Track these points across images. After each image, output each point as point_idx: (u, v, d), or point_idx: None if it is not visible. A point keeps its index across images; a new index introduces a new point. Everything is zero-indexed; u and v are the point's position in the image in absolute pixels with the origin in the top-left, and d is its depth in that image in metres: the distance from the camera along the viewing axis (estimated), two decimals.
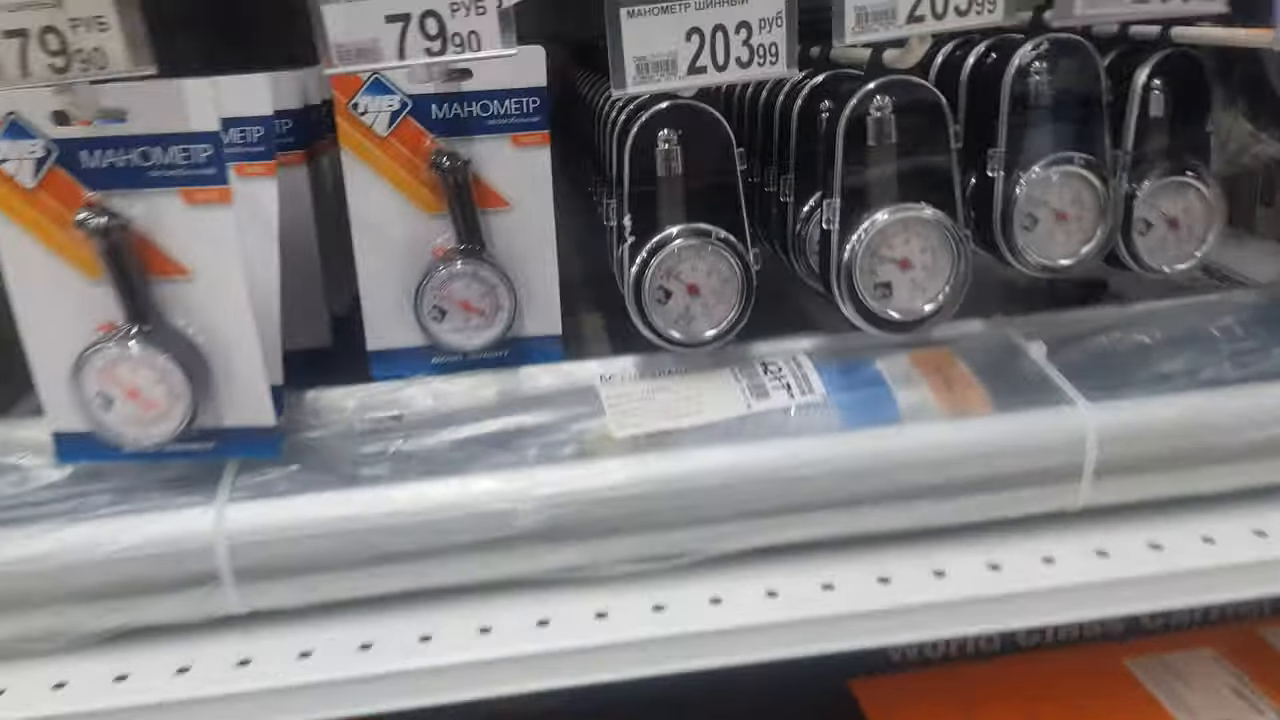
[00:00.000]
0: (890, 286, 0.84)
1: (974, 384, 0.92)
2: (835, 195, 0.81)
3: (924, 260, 0.83)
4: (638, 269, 0.82)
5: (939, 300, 0.84)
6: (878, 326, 0.85)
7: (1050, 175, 0.84)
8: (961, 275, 0.83)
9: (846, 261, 0.81)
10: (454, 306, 0.78)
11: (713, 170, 0.78)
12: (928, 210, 0.80)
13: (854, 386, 0.81)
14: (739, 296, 0.82)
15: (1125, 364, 0.83)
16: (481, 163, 0.76)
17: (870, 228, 0.80)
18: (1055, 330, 0.88)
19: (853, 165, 0.79)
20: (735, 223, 0.79)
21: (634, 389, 0.84)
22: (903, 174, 0.77)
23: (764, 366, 0.90)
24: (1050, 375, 0.84)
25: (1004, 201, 0.83)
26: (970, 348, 0.86)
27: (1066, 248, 0.87)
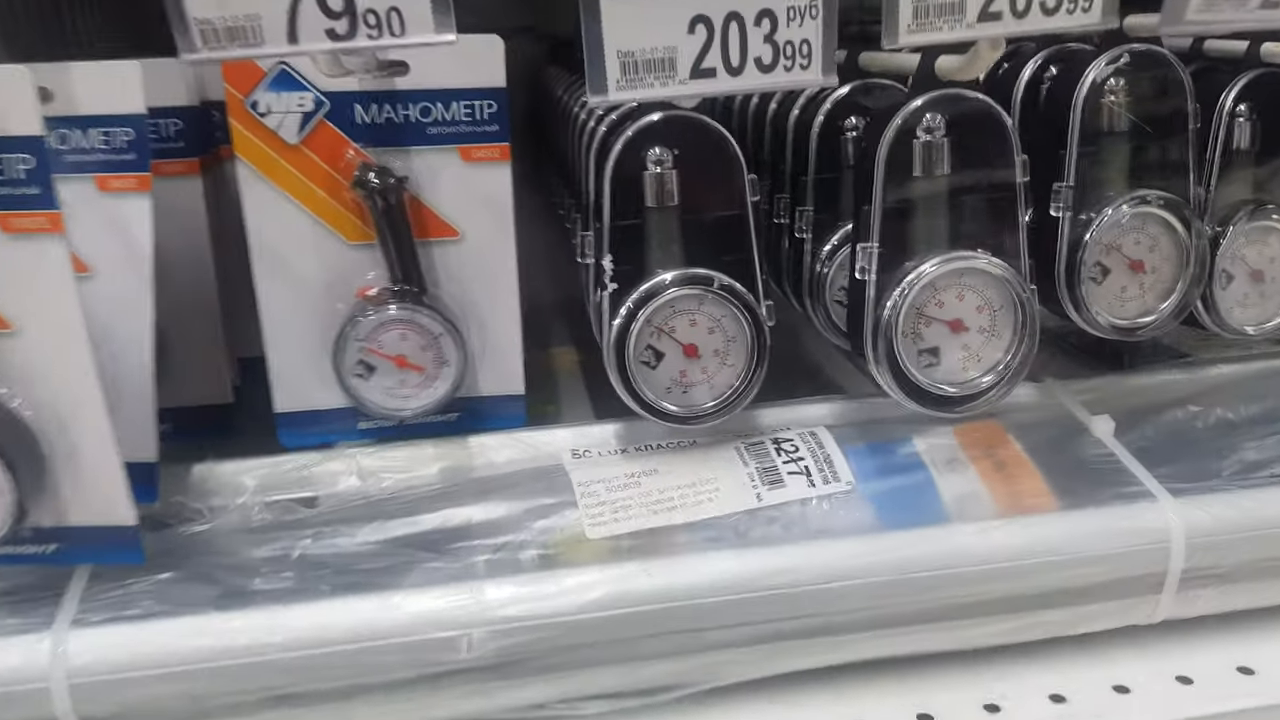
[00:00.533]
0: (938, 353, 0.70)
1: (1031, 469, 0.79)
2: (873, 238, 0.67)
3: (981, 322, 0.69)
4: (621, 324, 0.67)
5: (999, 371, 0.69)
6: (921, 402, 0.70)
7: (1123, 216, 0.72)
8: (1028, 342, 0.69)
9: (886, 321, 0.67)
10: (384, 361, 0.66)
11: (718, 200, 0.66)
12: (985, 260, 0.67)
13: (888, 471, 0.71)
14: (748, 360, 0.69)
15: (1207, 445, 0.74)
16: (422, 181, 0.65)
17: (915, 280, 0.66)
18: (1119, 399, 0.80)
19: (894, 200, 0.66)
20: (745, 267, 0.66)
21: (615, 470, 0.70)
22: (957, 213, 0.65)
23: (777, 444, 0.74)
24: (1121, 459, 0.74)
25: (1070, 247, 0.71)
26: (1022, 421, 0.76)
27: (1141, 304, 0.75)
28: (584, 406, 0.86)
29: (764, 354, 0.68)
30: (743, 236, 0.67)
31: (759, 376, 0.71)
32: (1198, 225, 0.73)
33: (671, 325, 0.67)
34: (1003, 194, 0.65)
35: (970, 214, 0.66)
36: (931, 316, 0.66)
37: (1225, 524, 0.66)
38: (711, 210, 0.67)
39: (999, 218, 0.66)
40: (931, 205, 0.66)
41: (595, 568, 0.63)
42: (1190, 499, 0.67)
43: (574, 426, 0.77)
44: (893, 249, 0.65)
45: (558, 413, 0.85)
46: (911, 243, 0.65)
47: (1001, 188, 0.65)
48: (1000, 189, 0.65)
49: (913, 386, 0.67)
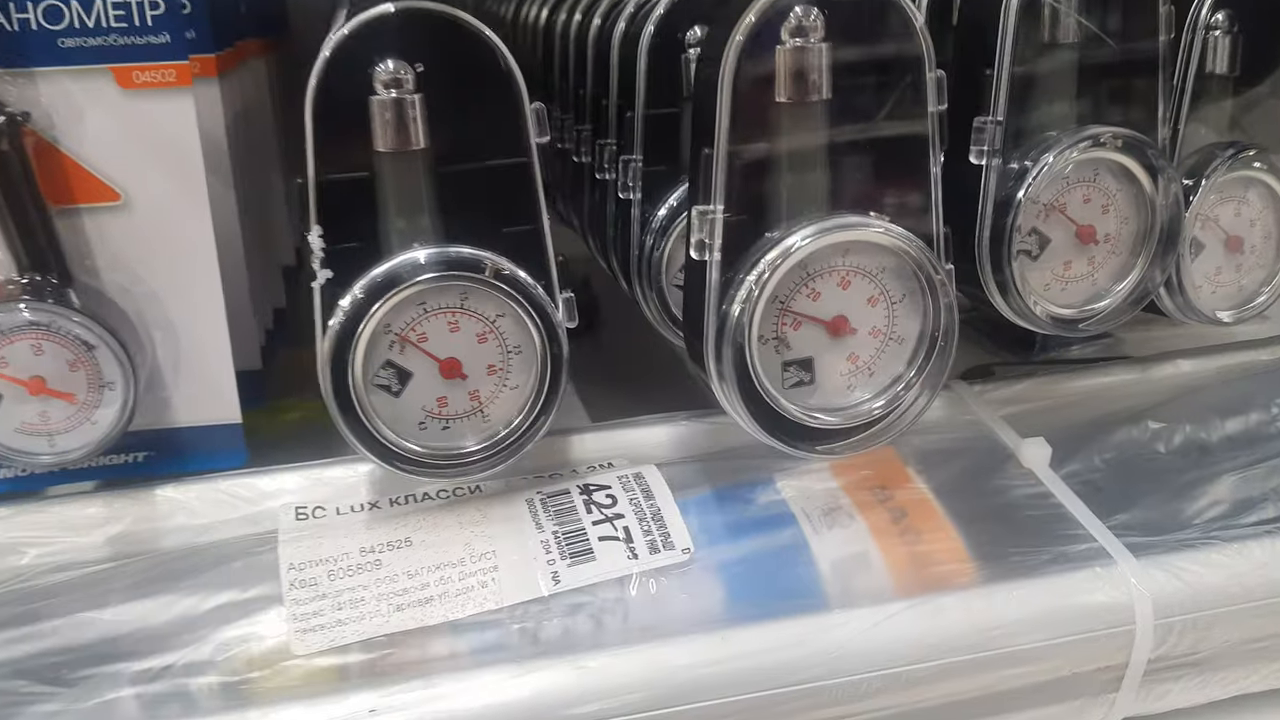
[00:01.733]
0: (810, 366, 0.51)
1: (940, 520, 0.63)
2: (714, 198, 0.48)
3: (874, 320, 0.51)
4: (341, 329, 0.47)
5: (899, 391, 0.52)
6: (785, 437, 0.52)
7: (1068, 163, 0.58)
8: (941, 349, 0.52)
9: (734, 320, 0.48)
10: (12, 387, 0.52)
11: (489, 143, 0.50)
12: (881, 228, 0.49)
13: (742, 531, 0.56)
14: (537, 380, 0.51)
15: (1174, 478, 0.62)
16: (57, 120, 0.52)
17: (778, 260, 0.48)
18: (1053, 411, 0.68)
19: (747, 142, 0.48)
20: (530, 243, 0.51)
21: (347, 542, 0.54)
22: (840, 161, 0.50)
23: (586, 493, 0.55)
24: (1062, 501, 0.60)
25: (996, 209, 0.56)
26: (926, 446, 0.63)
27: (1090, 286, 0.60)
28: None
29: (560, 371, 0.51)
30: (526, 198, 0.49)
31: (553, 403, 0.51)
32: (1168, 174, 0.59)
33: (421, 332, 0.49)
34: (907, 131, 0.49)
35: (859, 162, 0.49)
36: (801, 313, 0.49)
37: (1204, 594, 0.54)
38: (479, 157, 0.49)
39: (900, 167, 0.49)
40: (802, 150, 0.48)
41: (299, 706, 0.46)
42: (1157, 559, 0.55)
43: (307, 468, 0.59)
44: (745, 214, 0.48)
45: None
46: (772, 205, 0.49)
47: (905, 121, 0.49)
48: (903, 123, 0.49)
49: (772, 415, 0.50)
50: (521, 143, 0.49)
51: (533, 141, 0.49)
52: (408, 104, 0.48)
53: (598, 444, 0.63)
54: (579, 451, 0.63)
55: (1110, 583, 0.53)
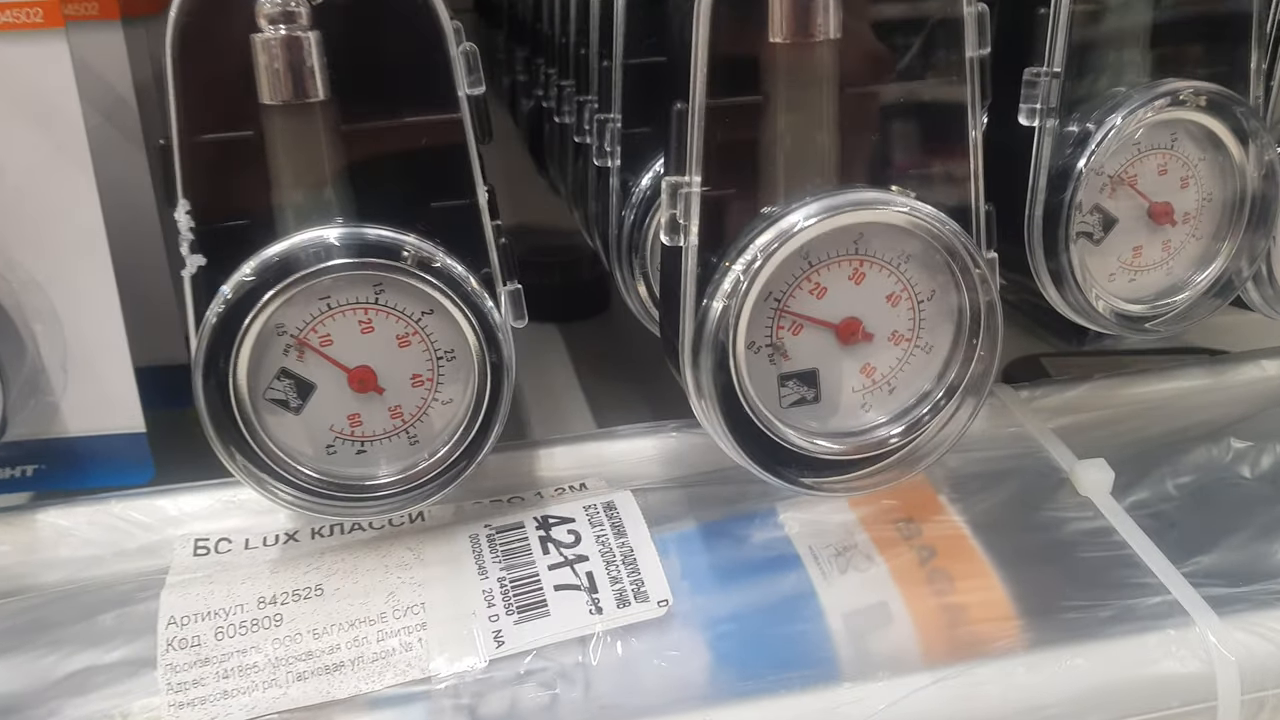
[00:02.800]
0: (814, 380, 0.41)
1: (980, 564, 0.54)
2: (690, 168, 0.38)
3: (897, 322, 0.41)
4: (215, 328, 0.38)
5: (924, 413, 0.43)
6: (777, 468, 0.42)
7: (1141, 126, 0.50)
8: (982, 357, 0.42)
9: (715, 320, 0.38)
10: None
11: (409, 97, 0.40)
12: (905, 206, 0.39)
13: (734, 576, 0.47)
14: (473, 395, 0.41)
15: (1264, 512, 0.52)
16: None
17: (772, 245, 0.38)
18: (1115, 424, 0.57)
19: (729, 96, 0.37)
20: (464, 222, 0.40)
21: (245, 590, 0.45)
22: (852, 122, 0.39)
23: (544, 528, 0.46)
24: (1127, 539, 0.50)
25: (1052, 181, 0.46)
26: (962, 468, 0.54)
27: (1165, 275, 0.50)
28: None
29: (502, 381, 0.41)
30: (457, 164, 0.39)
31: (495, 420, 0.41)
32: (1263, 140, 0.49)
33: (325, 334, 0.39)
34: (938, 83, 0.38)
35: (877, 123, 0.39)
36: (802, 314, 0.39)
37: None
38: (395, 113, 0.39)
39: (930, 129, 0.39)
40: (802, 106, 0.38)
41: None
42: (1244, 617, 0.45)
43: (219, 487, 0.50)
44: (730, 188, 0.38)
45: None
46: (765, 176, 0.38)
47: (936, 71, 0.38)
48: (934, 73, 0.38)
49: (763, 440, 0.41)
50: (449, 94, 0.39)
51: (463, 92, 0.39)
52: (301, 44, 0.38)
53: (569, 460, 0.54)
54: (546, 469, 0.53)
55: (1186, 647, 0.45)
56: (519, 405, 0.77)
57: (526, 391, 0.75)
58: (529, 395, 0.75)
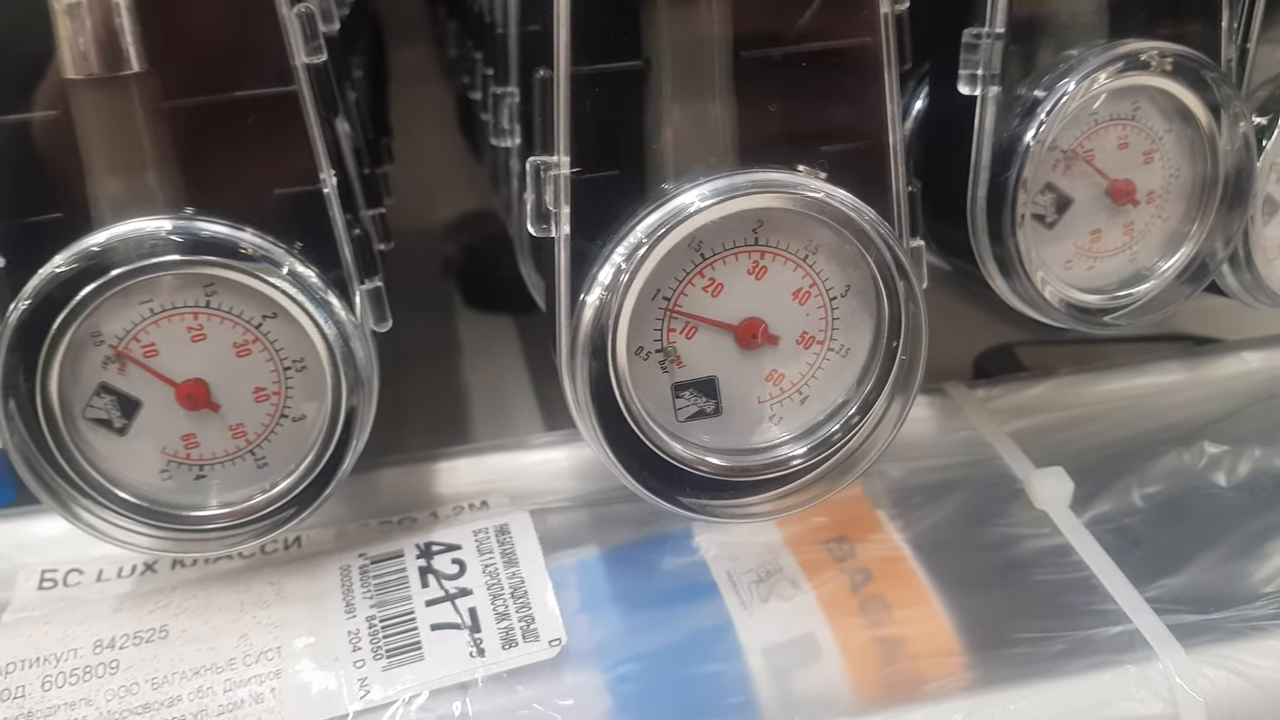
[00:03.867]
0: (713, 390, 0.36)
1: (918, 587, 0.48)
2: (556, 144, 0.33)
3: (807, 322, 0.36)
4: (17, 334, 0.33)
5: (837, 428, 0.37)
6: (675, 493, 0.37)
7: (1098, 94, 0.45)
8: (902, 361, 0.36)
9: (592, 323, 0.33)
10: None
11: (238, 68, 0.35)
12: (812, 188, 0.33)
13: (641, 608, 0.42)
14: (328, 411, 0.36)
15: (1240, 527, 0.47)
16: None
17: (657, 234, 0.33)
18: (1070, 427, 0.53)
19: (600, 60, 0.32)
20: (308, 209, 0.35)
21: (81, 632, 0.40)
22: (752, 89, 0.34)
23: (425, 556, 0.41)
24: (1085, 559, 0.45)
25: (996, 156, 0.41)
26: (906, 478, 0.49)
27: (1127, 262, 0.46)
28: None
29: (357, 393, 0.36)
30: (297, 144, 0.34)
31: (352, 440, 0.36)
32: (1235, 109, 0.43)
33: (148, 343, 0.34)
34: (848, 42, 0.33)
35: (781, 90, 0.34)
36: (694, 315, 0.34)
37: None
38: (223, 86, 0.34)
39: (842, 96, 0.34)
40: (690, 71, 0.33)
41: None
42: (1214, 650, 0.41)
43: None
44: (606, 169, 0.33)
45: None
46: (648, 155, 0.33)
47: (845, 26, 0.33)
48: (842, 29, 0.33)
49: (652, 459, 0.36)
50: (282, 64, 0.34)
51: (300, 61, 0.34)
52: (110, 9, 0.33)
53: (472, 475, 0.49)
54: (448, 484, 0.48)
55: (1147, 685, 0.40)
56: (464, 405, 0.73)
57: (473, 389, 0.71)
58: (475, 393, 0.71)
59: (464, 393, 0.74)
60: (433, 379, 0.75)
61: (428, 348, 0.78)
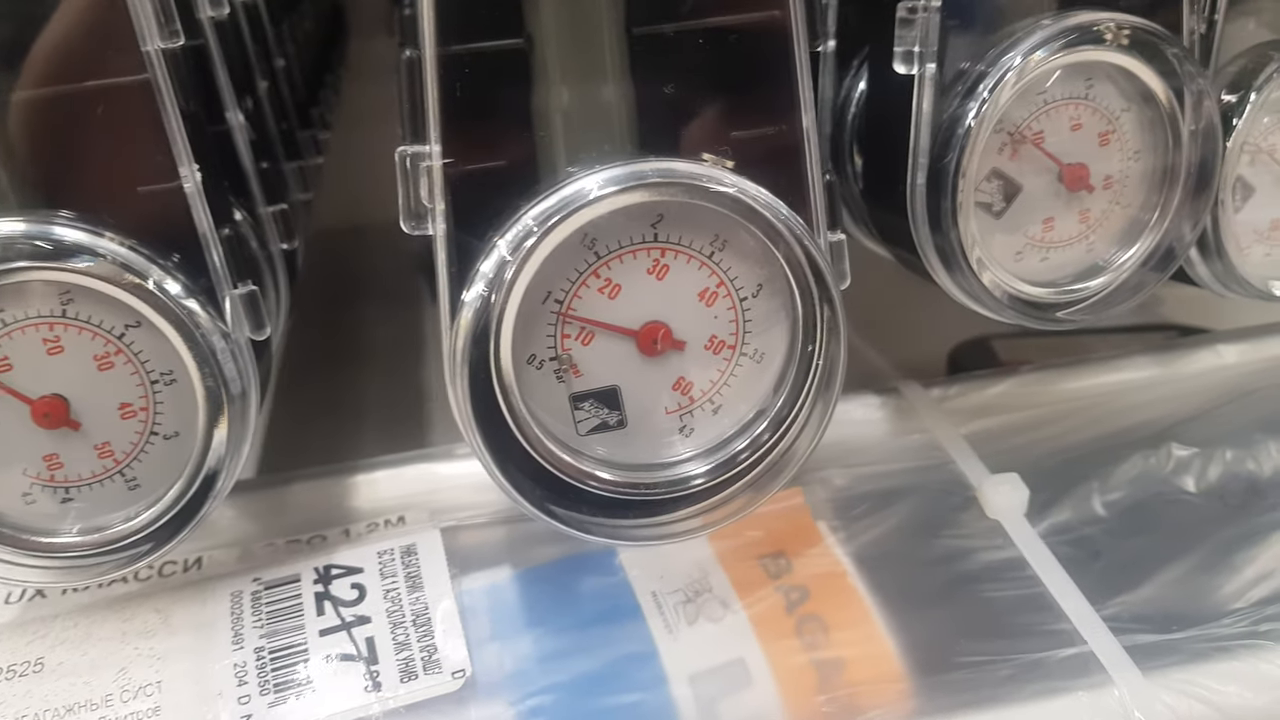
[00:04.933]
0: (616, 401, 0.33)
1: (859, 606, 0.45)
2: (428, 132, 0.30)
3: (716, 326, 0.33)
4: None
5: (755, 437, 0.34)
6: (574, 513, 0.33)
7: (1050, 72, 0.42)
8: (819, 367, 0.33)
9: (470, 328, 0.30)
10: None
11: (84, 54, 0.31)
12: (716, 177, 0.31)
13: (558, 635, 0.40)
14: (203, 428, 0.33)
15: (1199, 533, 0.44)
16: None
17: (544, 229, 0.30)
18: (1029, 429, 0.50)
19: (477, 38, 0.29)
20: (178, 216, 0.31)
21: None
22: (650, 70, 0.32)
23: (323, 579, 0.38)
24: (1039, 573, 0.43)
25: (938, 139, 0.38)
26: (850, 485, 0.46)
27: (1084, 252, 0.43)
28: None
29: (224, 407, 0.33)
30: (155, 137, 0.31)
31: (230, 457, 0.33)
32: (1199, 86, 0.41)
33: (3, 356, 0.32)
34: (758, 23, 0.30)
35: (683, 72, 0.30)
36: (590, 319, 0.31)
37: None
38: (70, 76, 0.31)
39: (752, 81, 0.31)
40: (579, 49, 0.30)
41: None
42: (1173, 674, 0.38)
43: None
44: (489, 159, 0.30)
45: None
46: (535, 144, 0.30)
47: (754, 6, 0.30)
48: (751, 10, 0.30)
49: (548, 478, 0.33)
50: (132, 49, 0.31)
51: (153, 47, 0.31)
52: None
53: (391, 488, 0.46)
54: (366, 499, 0.46)
55: (1101, 714, 0.37)
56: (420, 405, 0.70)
57: (436, 389, 0.68)
58: (438, 393, 0.68)
59: (425, 392, 0.71)
60: (395, 378, 0.72)
61: (391, 345, 0.75)
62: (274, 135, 0.49)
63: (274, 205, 0.42)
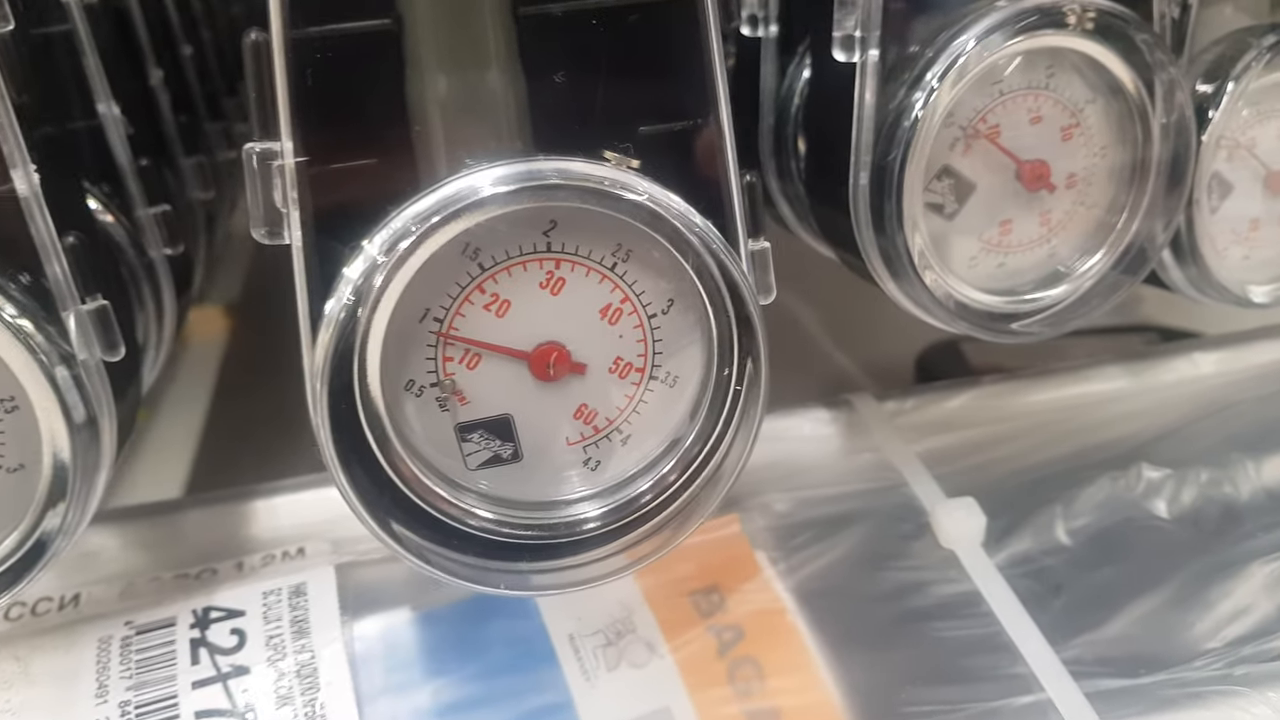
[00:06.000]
0: (509, 431, 0.29)
1: (798, 647, 0.41)
2: (279, 127, 0.26)
3: (615, 346, 0.29)
4: None
5: (668, 469, 0.29)
6: (460, 558, 0.29)
7: (1002, 58, 0.38)
8: (736, 393, 0.29)
9: (333, 349, 0.26)
10: None
11: None
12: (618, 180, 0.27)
13: (461, 685, 0.36)
14: (49, 462, 0.30)
15: (1171, 561, 0.41)
16: None
17: (417, 236, 0.26)
18: (990, 446, 0.46)
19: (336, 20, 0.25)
20: (13, 224, 0.27)
21: None
22: (540, 65, 0.28)
23: (201, 624, 0.34)
24: (995, 610, 0.39)
25: (882, 133, 0.35)
26: (792, 511, 0.43)
27: (1045, 257, 0.40)
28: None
29: (77, 436, 0.29)
30: None
31: (81, 494, 0.29)
32: (1172, 76, 0.37)
33: None
34: (656, 3, 0.27)
35: (575, 62, 0.27)
36: (475, 340, 0.27)
37: None
38: None
39: (660, 68, 0.27)
40: (461, 36, 0.26)
41: None
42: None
43: None
44: (353, 157, 0.26)
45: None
46: (408, 141, 0.26)
47: None
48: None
49: (426, 519, 0.29)
50: None
51: None
52: None
53: (293, 516, 0.42)
54: (263, 527, 0.42)
55: None
56: None
57: None
58: None
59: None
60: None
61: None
62: (170, 128, 0.45)
63: (155, 207, 0.38)
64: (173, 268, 0.41)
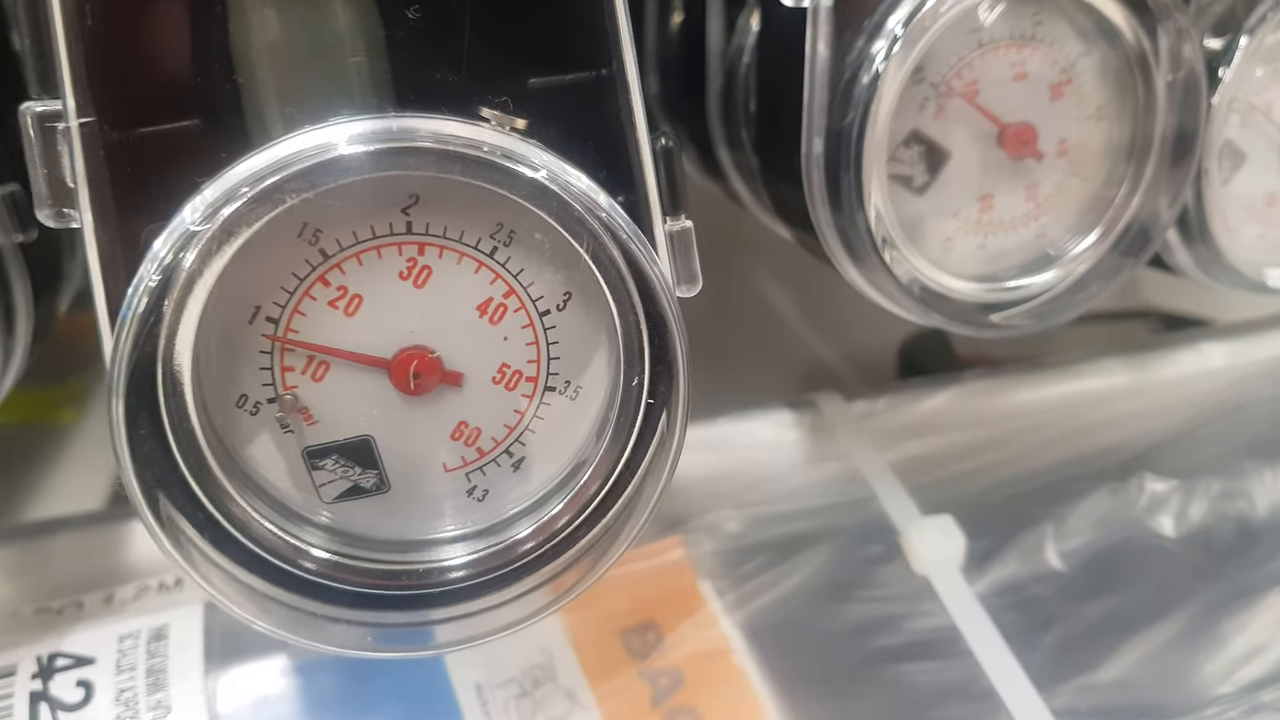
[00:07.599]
0: (370, 457, 0.24)
1: (748, 695, 0.36)
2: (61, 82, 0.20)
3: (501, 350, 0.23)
4: None
5: (569, 498, 0.24)
6: (310, 608, 0.23)
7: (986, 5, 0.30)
8: (649, 407, 0.23)
9: (126, 353, 0.21)
10: None
11: None
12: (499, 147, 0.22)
13: None
14: None
15: (1175, 587, 0.37)
16: None
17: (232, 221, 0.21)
18: (971, 454, 0.42)
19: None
20: None
21: None
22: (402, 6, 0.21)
23: (45, 673, 0.29)
24: (973, 648, 0.35)
25: (836, 94, 0.30)
26: (745, 532, 0.38)
27: (1032, 239, 0.34)
28: None
29: None
30: None
31: None
32: (1177, 26, 0.32)
33: None
34: None
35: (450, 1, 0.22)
36: (318, 345, 0.22)
37: None
38: None
39: (545, 9, 0.22)
40: None
41: None
42: None
43: None
44: (155, 119, 0.21)
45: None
46: (232, 98, 0.21)
47: None
48: None
49: (258, 563, 0.24)
50: None
51: None
52: None
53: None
54: (141, 551, 0.37)
55: None
56: None
57: None
58: None
59: None
60: None
61: None
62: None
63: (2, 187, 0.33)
64: (29, 259, 0.36)
